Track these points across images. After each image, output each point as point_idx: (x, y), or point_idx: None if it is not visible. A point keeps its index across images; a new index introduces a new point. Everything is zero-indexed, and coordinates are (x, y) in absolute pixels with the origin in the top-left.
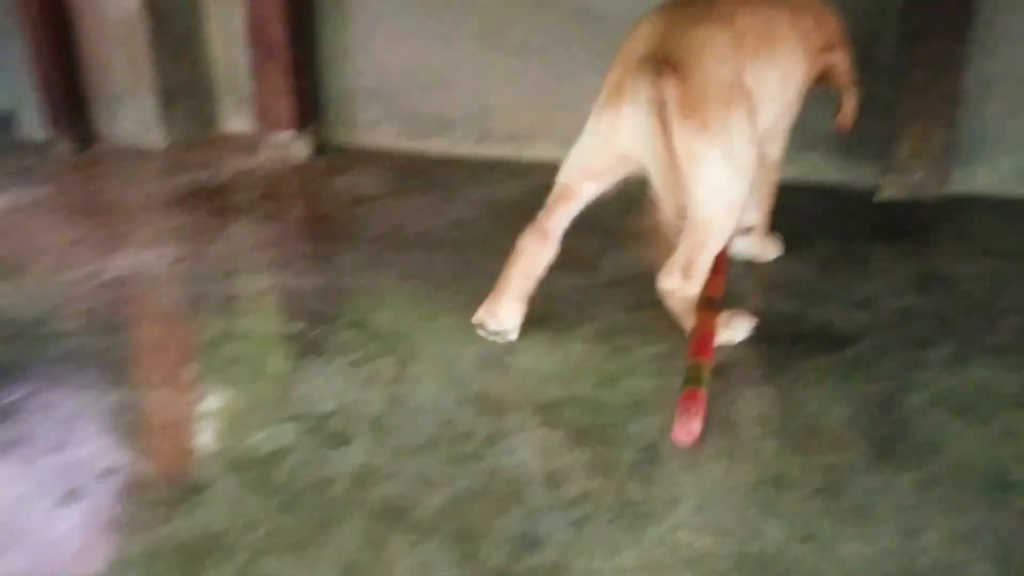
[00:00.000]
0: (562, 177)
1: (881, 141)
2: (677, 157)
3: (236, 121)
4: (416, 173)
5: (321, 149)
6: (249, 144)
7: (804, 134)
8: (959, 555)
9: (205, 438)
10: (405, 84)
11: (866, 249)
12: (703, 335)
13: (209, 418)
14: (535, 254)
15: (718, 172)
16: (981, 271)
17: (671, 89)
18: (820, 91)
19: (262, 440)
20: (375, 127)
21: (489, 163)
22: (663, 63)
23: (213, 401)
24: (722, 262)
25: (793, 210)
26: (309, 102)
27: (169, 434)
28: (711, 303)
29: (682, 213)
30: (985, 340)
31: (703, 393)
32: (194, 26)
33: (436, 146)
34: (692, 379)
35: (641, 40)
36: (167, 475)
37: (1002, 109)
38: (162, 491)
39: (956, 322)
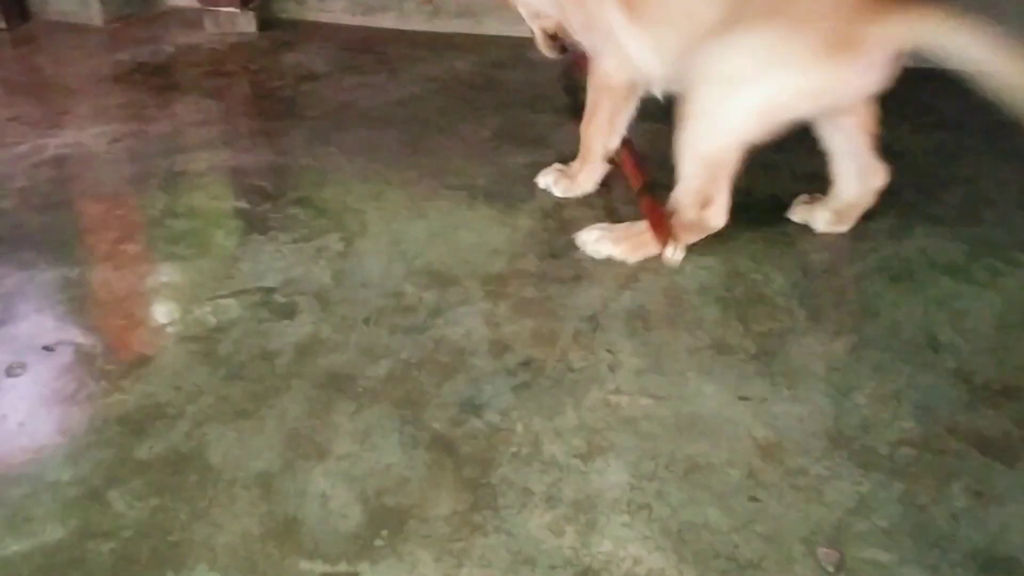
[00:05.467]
0: None
1: None
2: None
3: None
4: (365, 49)
5: (267, 24)
6: (192, 19)
7: None
8: (884, 413)
9: (149, 312)
10: None
11: None
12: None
13: (153, 293)
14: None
15: None
16: (933, 144)
17: None
18: None
19: (207, 314)
20: (323, 2)
21: (442, 38)
22: None
23: (157, 276)
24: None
25: None
26: None
27: (113, 309)
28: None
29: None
30: (928, 210)
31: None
32: None
33: (387, 21)
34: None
35: None
36: (111, 348)
37: None
38: (106, 364)
39: (903, 193)
